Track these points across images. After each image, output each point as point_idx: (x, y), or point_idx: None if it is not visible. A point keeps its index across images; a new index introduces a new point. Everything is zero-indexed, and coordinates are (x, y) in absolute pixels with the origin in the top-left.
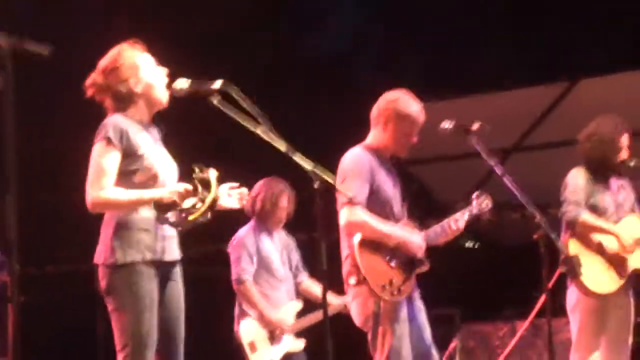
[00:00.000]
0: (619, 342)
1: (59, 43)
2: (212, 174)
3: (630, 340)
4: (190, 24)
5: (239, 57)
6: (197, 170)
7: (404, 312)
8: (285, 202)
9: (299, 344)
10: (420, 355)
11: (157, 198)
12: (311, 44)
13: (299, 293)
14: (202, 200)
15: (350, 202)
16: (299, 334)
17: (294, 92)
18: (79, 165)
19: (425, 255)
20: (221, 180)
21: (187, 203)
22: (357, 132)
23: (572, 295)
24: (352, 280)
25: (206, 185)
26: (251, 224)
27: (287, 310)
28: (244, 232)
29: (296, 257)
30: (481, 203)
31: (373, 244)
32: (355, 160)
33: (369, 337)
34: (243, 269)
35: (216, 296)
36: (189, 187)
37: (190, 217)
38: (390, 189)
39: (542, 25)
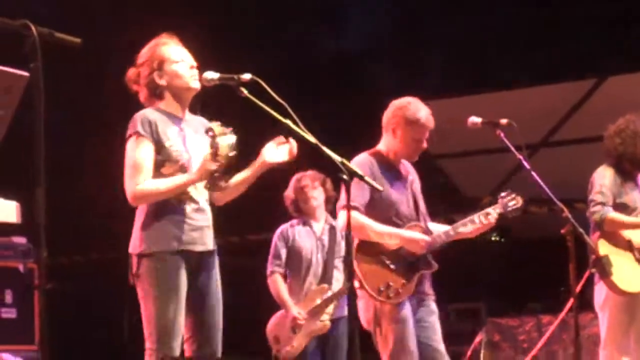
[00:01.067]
0: None
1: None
2: (215, 125)
3: None
4: (211, 20)
5: (257, 56)
6: (213, 130)
7: (405, 313)
8: (315, 192)
9: (323, 326)
10: (429, 356)
11: (192, 179)
12: (328, 42)
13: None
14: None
15: (349, 206)
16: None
17: (310, 92)
18: (108, 160)
19: (433, 256)
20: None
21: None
22: (375, 132)
23: (600, 292)
24: (356, 283)
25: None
26: (292, 221)
27: (311, 295)
28: (280, 228)
29: (343, 245)
30: (507, 202)
31: (372, 247)
32: (358, 164)
33: (373, 338)
34: (271, 262)
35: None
36: (206, 155)
37: (220, 156)
38: (398, 193)
39: (572, 22)
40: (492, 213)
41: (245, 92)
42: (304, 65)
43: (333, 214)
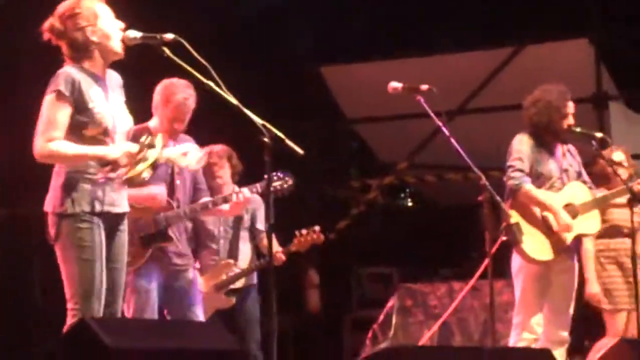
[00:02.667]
0: (560, 307)
1: None
2: (159, 138)
3: (572, 304)
4: None
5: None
6: (144, 136)
7: (143, 284)
8: (222, 171)
9: (227, 302)
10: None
11: (102, 155)
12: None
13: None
14: (143, 160)
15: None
16: (231, 292)
17: (230, 53)
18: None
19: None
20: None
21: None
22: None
23: (515, 260)
24: None
25: (152, 147)
26: None
27: (214, 270)
28: None
29: (247, 218)
30: (272, 182)
31: None
32: None
33: None
34: None
35: None
36: (135, 147)
37: (130, 174)
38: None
39: None
40: (245, 192)
41: (168, 51)
42: (224, 25)
43: (239, 184)
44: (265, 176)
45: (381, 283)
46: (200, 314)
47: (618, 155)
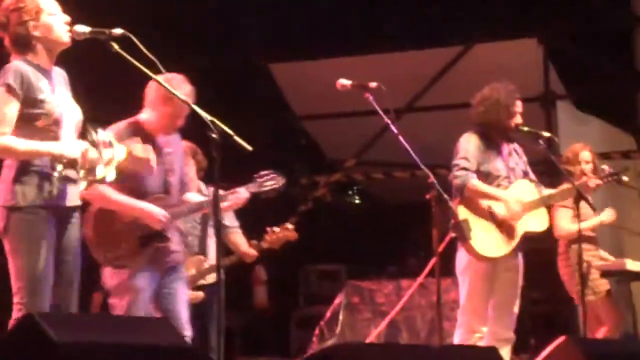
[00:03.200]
0: (506, 305)
1: None
2: (111, 135)
3: (518, 302)
4: None
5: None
6: (92, 132)
7: (137, 284)
8: (187, 168)
9: (196, 295)
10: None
11: (55, 153)
12: None
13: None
14: (104, 162)
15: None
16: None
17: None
18: None
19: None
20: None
21: (90, 158)
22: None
23: (461, 258)
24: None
25: (107, 145)
26: None
27: (184, 266)
28: None
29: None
30: (264, 182)
31: (109, 215)
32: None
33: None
34: None
35: None
36: (86, 145)
37: (98, 177)
38: (155, 164)
39: None
40: (241, 192)
41: (116, 46)
42: (174, 21)
43: (205, 181)
44: (258, 177)
45: (329, 280)
46: (185, 313)
47: (586, 155)
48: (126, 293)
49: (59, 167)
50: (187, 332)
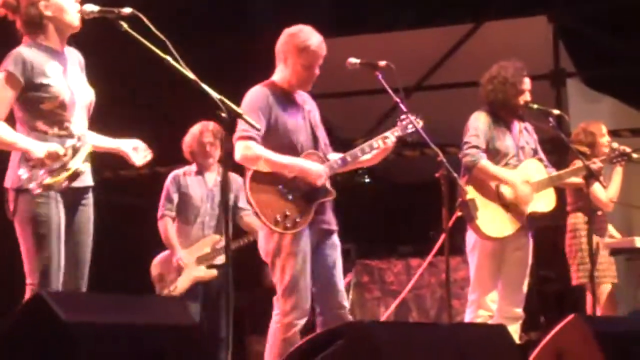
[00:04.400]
0: (515, 284)
1: None
2: (87, 147)
3: (527, 281)
4: None
5: None
6: (76, 138)
7: (303, 246)
8: (209, 137)
9: (208, 273)
10: (329, 291)
11: (27, 149)
12: None
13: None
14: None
15: (245, 136)
16: (213, 265)
17: (188, 27)
18: None
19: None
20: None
21: (56, 165)
22: (256, 69)
23: (470, 237)
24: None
25: (76, 154)
26: (191, 166)
27: (201, 244)
28: (172, 173)
29: (231, 196)
30: (407, 125)
31: (266, 178)
32: (252, 95)
33: (269, 270)
34: (163, 205)
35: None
36: (60, 150)
37: (47, 181)
38: (294, 122)
39: None
40: (390, 136)
41: (125, 26)
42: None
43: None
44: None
45: None
46: (342, 283)
47: (604, 128)
48: (290, 256)
49: (68, 143)
50: (345, 302)
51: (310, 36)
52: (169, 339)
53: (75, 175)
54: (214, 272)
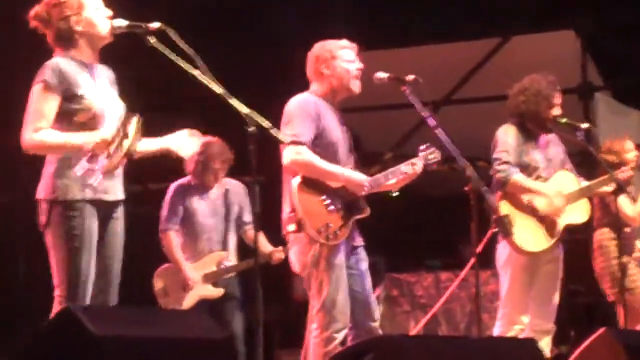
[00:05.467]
0: (546, 297)
1: None
2: (134, 121)
3: (558, 293)
4: None
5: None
6: (122, 117)
7: (340, 259)
8: (218, 165)
9: (216, 292)
10: (359, 305)
11: (79, 144)
12: None
13: (245, 241)
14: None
15: (298, 141)
16: (218, 283)
17: (215, 41)
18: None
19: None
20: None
21: (112, 148)
22: (281, 82)
23: (503, 251)
24: (292, 227)
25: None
26: (188, 177)
27: (207, 260)
28: (175, 184)
29: (236, 209)
30: (427, 155)
31: (313, 186)
32: (301, 102)
33: (305, 284)
34: (166, 219)
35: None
36: (106, 136)
37: (125, 149)
38: (337, 133)
39: None
40: (418, 163)
41: (153, 40)
42: (205, 7)
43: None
44: (420, 151)
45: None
46: (373, 297)
47: (629, 145)
48: (329, 269)
49: (101, 156)
50: (376, 315)
51: (336, 41)
52: (199, 353)
53: (130, 153)
54: (220, 291)
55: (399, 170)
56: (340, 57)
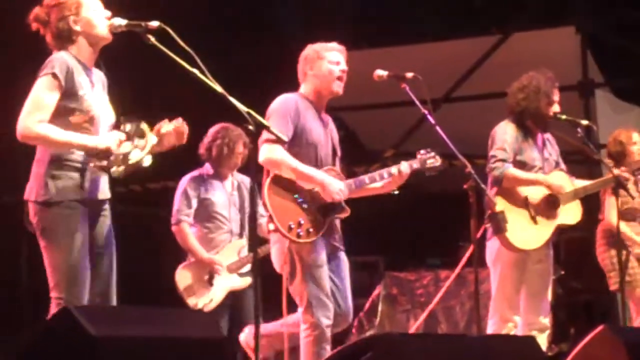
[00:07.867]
0: (539, 293)
1: None
2: (144, 125)
3: (550, 292)
4: None
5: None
6: (126, 123)
7: (317, 257)
8: (241, 148)
9: (243, 281)
10: (337, 308)
11: (89, 146)
12: None
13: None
14: (140, 147)
15: (273, 140)
16: (245, 272)
17: (212, 37)
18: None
19: (345, 202)
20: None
21: (124, 149)
22: (283, 79)
23: (492, 247)
24: (271, 227)
25: (141, 134)
26: (203, 168)
27: (227, 250)
28: (187, 176)
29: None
30: (426, 159)
31: (285, 184)
32: (282, 101)
33: (286, 283)
34: (179, 210)
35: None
36: (122, 136)
37: (131, 161)
38: (318, 134)
39: None
40: (405, 168)
41: (153, 39)
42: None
43: (240, 170)
44: (418, 154)
45: (367, 271)
46: (350, 293)
47: (636, 137)
48: (309, 267)
49: (101, 161)
50: (351, 314)
51: (323, 44)
52: (198, 353)
53: (139, 166)
54: (247, 280)
55: (384, 172)
56: (326, 58)
